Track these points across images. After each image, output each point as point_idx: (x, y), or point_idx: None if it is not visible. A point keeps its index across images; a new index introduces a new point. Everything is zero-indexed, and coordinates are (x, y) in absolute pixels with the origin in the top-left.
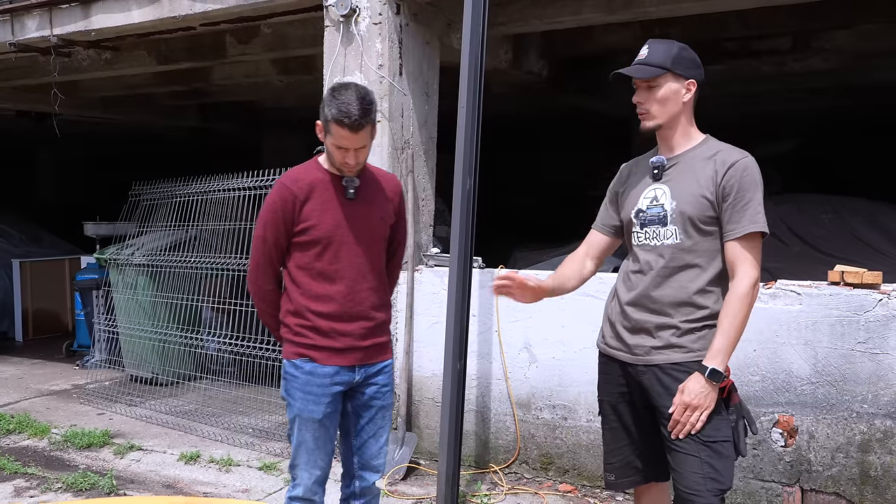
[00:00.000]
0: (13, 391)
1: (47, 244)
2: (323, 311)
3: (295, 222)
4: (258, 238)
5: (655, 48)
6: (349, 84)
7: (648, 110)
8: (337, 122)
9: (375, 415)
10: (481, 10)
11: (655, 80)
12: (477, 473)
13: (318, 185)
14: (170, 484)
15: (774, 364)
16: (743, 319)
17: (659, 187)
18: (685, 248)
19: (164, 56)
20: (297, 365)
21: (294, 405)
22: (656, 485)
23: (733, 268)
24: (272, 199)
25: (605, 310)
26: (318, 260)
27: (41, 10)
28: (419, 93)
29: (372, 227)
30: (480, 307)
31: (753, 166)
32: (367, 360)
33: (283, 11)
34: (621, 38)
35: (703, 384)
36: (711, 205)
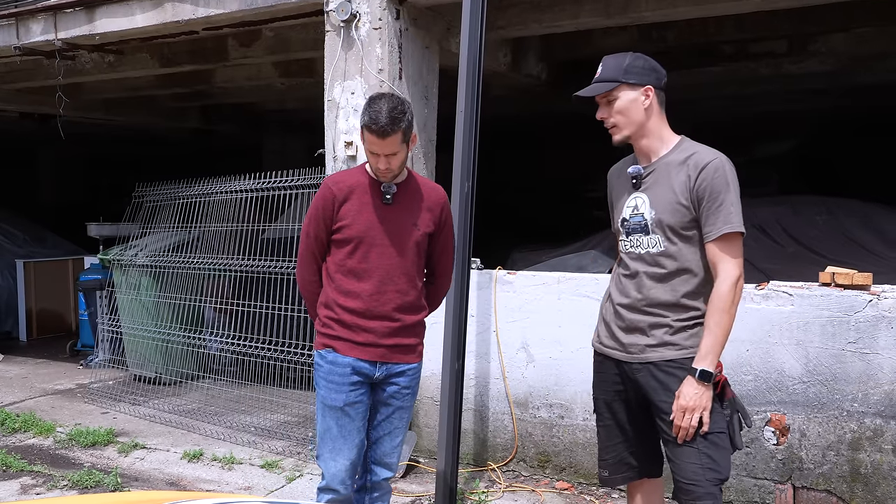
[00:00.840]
0: (18, 390)
1: (51, 244)
2: (349, 306)
3: (333, 220)
4: (304, 232)
5: (607, 64)
6: (385, 95)
7: (614, 124)
8: (367, 128)
9: (392, 413)
10: (479, 15)
11: (611, 93)
12: (475, 471)
13: (357, 188)
14: (173, 482)
15: (767, 364)
16: (728, 319)
17: (639, 196)
18: (671, 254)
19: (167, 59)
20: (322, 355)
21: (319, 392)
22: (649, 481)
23: (715, 269)
24: (316, 197)
25: (601, 310)
26: (350, 258)
27: (46, 15)
28: (419, 96)
29: (404, 232)
30: (479, 308)
31: (724, 167)
32: (390, 359)
33: (285, 16)
34: (620, 41)
35: (696, 386)
36: (689, 210)
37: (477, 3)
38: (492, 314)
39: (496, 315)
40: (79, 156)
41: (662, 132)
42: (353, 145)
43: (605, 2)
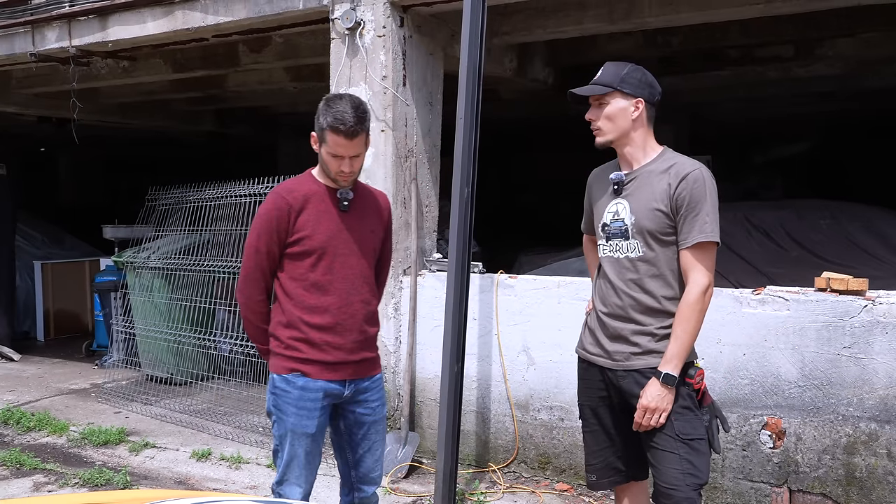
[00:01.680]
0: (34, 390)
1: (69, 246)
2: (316, 322)
3: (289, 232)
4: (251, 247)
5: (607, 69)
6: (343, 94)
7: (599, 127)
8: (332, 129)
9: (368, 431)
10: (479, 21)
11: (603, 97)
12: (477, 472)
13: (312, 196)
14: (181, 480)
15: (763, 368)
16: (695, 325)
17: (620, 202)
18: (649, 259)
19: (180, 64)
20: (288, 380)
21: (287, 420)
22: (636, 483)
23: (686, 276)
24: (266, 208)
25: (585, 318)
26: (312, 271)
27: (61, 22)
28: (423, 102)
29: (364, 239)
30: (481, 311)
31: (704, 178)
32: (357, 375)
33: (292, 24)
34: (625, 46)
35: (659, 388)
36: (667, 216)
37: (477, 9)
38: (493, 317)
39: (497, 318)
40: (97, 158)
41: (647, 142)
42: None
43: (609, 8)
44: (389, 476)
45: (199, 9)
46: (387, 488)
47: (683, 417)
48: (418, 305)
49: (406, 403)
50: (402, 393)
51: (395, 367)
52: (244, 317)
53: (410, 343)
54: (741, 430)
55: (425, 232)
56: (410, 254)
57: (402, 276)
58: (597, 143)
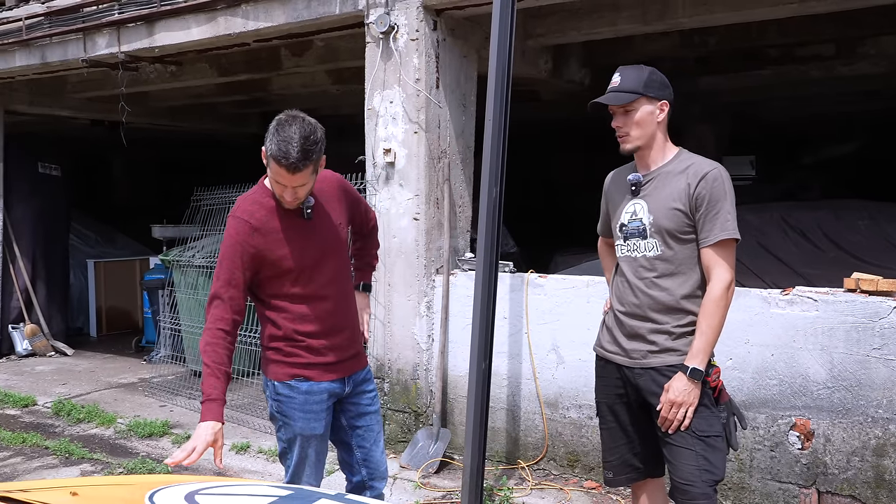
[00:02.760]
0: (85, 383)
1: (121, 245)
2: (312, 330)
3: (258, 256)
4: (223, 280)
5: (627, 75)
6: (296, 118)
7: (628, 133)
8: (275, 160)
9: (371, 422)
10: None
11: (631, 104)
12: (507, 469)
13: (274, 214)
14: (219, 472)
15: (792, 368)
16: (719, 321)
17: (638, 202)
18: (667, 258)
19: (225, 68)
20: (291, 386)
21: (294, 425)
22: (652, 480)
23: (708, 273)
24: (230, 234)
25: (603, 317)
26: (294, 286)
27: (110, 29)
28: (456, 104)
29: (334, 236)
30: (511, 310)
31: (722, 177)
32: (353, 370)
33: (329, 28)
34: (661, 46)
35: (686, 383)
36: (686, 215)
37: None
38: (523, 316)
39: (527, 317)
40: (150, 160)
41: (665, 144)
42: (392, 152)
43: (643, 9)
44: (420, 471)
45: (240, 14)
46: (417, 483)
47: (699, 414)
48: (450, 304)
49: (438, 400)
50: (434, 390)
51: (428, 365)
52: (210, 345)
53: (442, 341)
54: (769, 430)
55: (458, 232)
56: (443, 253)
57: (434, 274)
58: (624, 150)
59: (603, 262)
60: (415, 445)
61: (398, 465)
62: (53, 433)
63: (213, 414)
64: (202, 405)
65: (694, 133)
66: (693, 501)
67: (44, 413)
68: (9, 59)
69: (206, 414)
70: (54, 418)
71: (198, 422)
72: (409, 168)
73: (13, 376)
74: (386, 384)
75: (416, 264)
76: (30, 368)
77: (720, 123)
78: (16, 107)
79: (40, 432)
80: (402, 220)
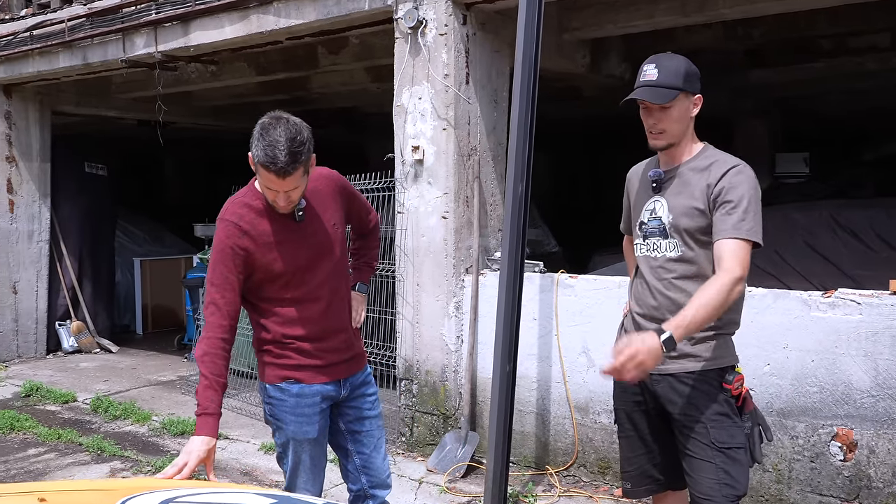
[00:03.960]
0: (125, 380)
1: (168, 244)
2: (301, 334)
3: (249, 259)
4: (214, 284)
5: (665, 67)
6: (280, 120)
7: (665, 130)
8: (263, 166)
9: (371, 427)
10: (535, 15)
11: (671, 101)
12: (536, 475)
13: (264, 216)
14: (247, 472)
15: (833, 375)
16: (715, 307)
17: (658, 200)
18: (688, 258)
19: (263, 67)
20: (282, 388)
21: (286, 429)
22: (673, 493)
23: (719, 263)
24: (220, 238)
25: (622, 319)
26: (285, 289)
27: (148, 29)
28: (487, 100)
29: (328, 238)
30: (541, 311)
31: (744, 174)
32: (350, 373)
33: (360, 24)
34: (704, 39)
35: (654, 341)
36: (704, 215)
37: (533, 3)
38: (553, 318)
39: (557, 319)
40: (199, 160)
41: (693, 139)
42: (420, 149)
43: (682, 0)
44: (447, 475)
45: (272, 12)
46: (443, 487)
47: (720, 425)
48: (479, 304)
49: (467, 403)
50: (462, 392)
51: (457, 367)
52: (207, 354)
53: (471, 342)
54: (809, 440)
55: (489, 231)
56: (472, 252)
57: (463, 274)
58: (657, 146)
59: (627, 261)
60: (442, 449)
61: (425, 469)
62: (90, 430)
63: (208, 429)
64: (197, 417)
65: (746, 129)
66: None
67: (82, 409)
68: (53, 61)
69: (202, 428)
70: (92, 415)
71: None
72: (437, 165)
73: (58, 372)
74: (414, 385)
75: (444, 264)
76: (74, 365)
77: (773, 119)
78: (63, 107)
79: (77, 428)
80: (431, 218)
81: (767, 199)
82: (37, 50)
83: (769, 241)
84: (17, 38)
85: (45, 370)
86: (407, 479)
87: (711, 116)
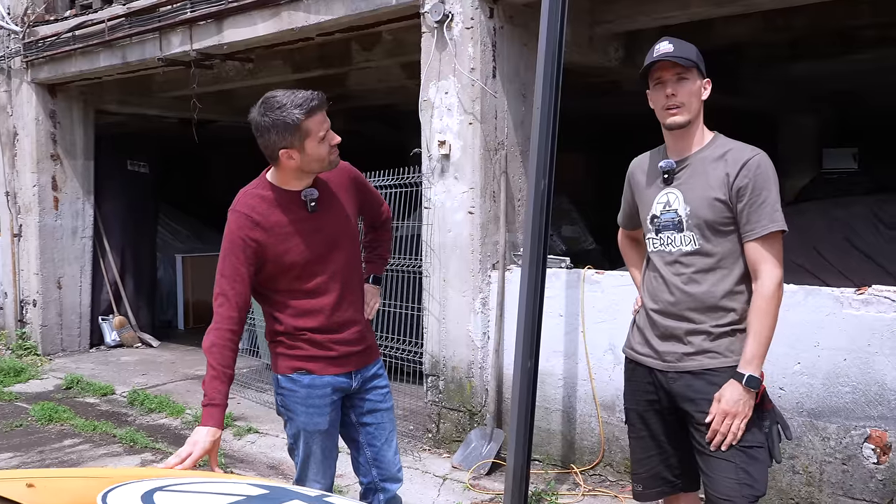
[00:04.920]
0: (163, 374)
1: (210, 240)
2: (313, 325)
3: (260, 251)
4: (226, 275)
5: (679, 44)
6: (274, 94)
7: (683, 103)
8: (311, 111)
9: (382, 419)
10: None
11: (687, 72)
12: (561, 473)
13: (277, 208)
14: (274, 465)
15: (866, 375)
16: (772, 321)
17: (671, 192)
18: (706, 251)
19: (298, 65)
20: (293, 379)
21: (297, 420)
22: (685, 495)
23: (755, 269)
24: (231, 229)
25: (633, 316)
26: (297, 281)
27: (183, 28)
28: (515, 94)
29: (341, 230)
30: (567, 308)
31: (766, 163)
32: (362, 365)
33: (388, 19)
34: (743, 30)
35: (740, 392)
36: (726, 206)
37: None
38: (579, 314)
39: (583, 315)
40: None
41: (704, 127)
42: (446, 144)
43: None
44: (471, 472)
45: (302, 9)
46: (467, 484)
47: None
48: (506, 301)
49: (492, 400)
50: (488, 389)
51: (483, 363)
52: (217, 344)
53: (497, 339)
54: (841, 442)
55: (516, 226)
56: (499, 248)
57: (490, 270)
58: (672, 122)
59: (625, 256)
60: (468, 445)
61: (450, 466)
62: (125, 422)
63: (213, 420)
64: (203, 408)
65: (792, 124)
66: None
67: (119, 402)
68: (94, 60)
69: (208, 419)
70: (128, 407)
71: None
72: (463, 160)
73: (99, 366)
74: (441, 382)
75: (470, 259)
76: (115, 358)
77: (820, 113)
78: (106, 106)
79: (112, 420)
80: (457, 213)
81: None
82: (79, 50)
83: (807, 238)
84: (60, 39)
85: (87, 363)
86: (431, 476)
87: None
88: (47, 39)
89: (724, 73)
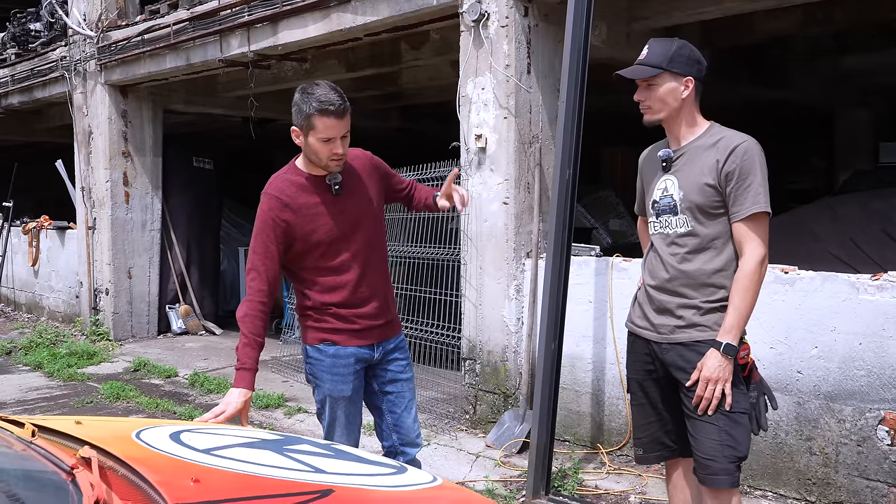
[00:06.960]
0: (223, 359)
1: None
2: (338, 300)
3: (289, 231)
4: (258, 252)
5: (654, 48)
6: (317, 82)
7: (650, 107)
8: (322, 112)
9: (402, 388)
10: (584, 5)
11: (653, 79)
12: (589, 453)
13: (303, 191)
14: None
15: (881, 359)
16: (753, 295)
17: (669, 178)
18: (697, 233)
19: (351, 64)
20: (320, 349)
21: (323, 386)
22: (684, 460)
23: (741, 247)
24: (263, 210)
25: (635, 293)
26: (322, 259)
27: (241, 30)
28: (549, 89)
29: (364, 213)
30: (596, 294)
31: (753, 149)
32: (384, 337)
33: (430, 19)
34: (783, 24)
35: (719, 359)
36: (716, 190)
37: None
38: (608, 300)
39: (611, 301)
40: None
41: (694, 119)
42: (483, 138)
43: None
44: (503, 450)
45: (349, 10)
46: (498, 461)
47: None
48: (538, 288)
49: (525, 382)
50: (522, 372)
51: (517, 347)
52: (250, 315)
53: (530, 324)
54: (856, 424)
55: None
56: (532, 237)
57: (524, 258)
58: (645, 121)
59: (643, 242)
60: (501, 426)
61: (484, 444)
62: (185, 401)
63: (245, 382)
64: (236, 371)
65: (846, 118)
66: (714, 477)
67: (181, 383)
68: (160, 62)
69: (240, 381)
70: (189, 388)
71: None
72: (499, 153)
73: (165, 351)
74: (477, 365)
75: (505, 248)
76: (180, 345)
77: (874, 107)
78: (174, 106)
79: (174, 399)
80: (493, 204)
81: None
82: (147, 52)
83: (845, 230)
84: (130, 43)
85: (154, 349)
86: (465, 453)
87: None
88: (119, 43)
89: (769, 66)
